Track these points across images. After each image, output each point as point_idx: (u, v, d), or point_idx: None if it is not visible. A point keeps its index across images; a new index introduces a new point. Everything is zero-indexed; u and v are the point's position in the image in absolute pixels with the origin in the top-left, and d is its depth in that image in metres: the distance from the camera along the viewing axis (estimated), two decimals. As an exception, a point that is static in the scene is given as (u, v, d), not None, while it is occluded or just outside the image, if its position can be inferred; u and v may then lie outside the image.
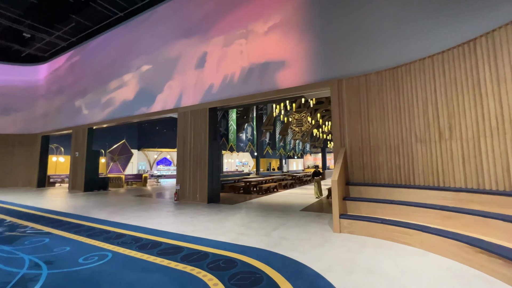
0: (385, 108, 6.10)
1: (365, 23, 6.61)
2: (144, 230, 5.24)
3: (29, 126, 16.88)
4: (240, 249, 3.94)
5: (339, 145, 6.65)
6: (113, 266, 3.36)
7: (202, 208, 7.79)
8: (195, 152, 9.33)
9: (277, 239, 4.49)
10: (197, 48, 9.80)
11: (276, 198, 10.19)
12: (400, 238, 4.20)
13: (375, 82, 6.32)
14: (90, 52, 14.21)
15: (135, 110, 11.55)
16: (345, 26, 6.88)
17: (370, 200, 5.29)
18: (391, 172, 5.88)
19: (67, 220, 6.30)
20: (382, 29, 6.37)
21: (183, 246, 4.16)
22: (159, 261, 3.49)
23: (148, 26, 11.51)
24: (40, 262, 3.50)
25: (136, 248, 4.07)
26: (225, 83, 8.98)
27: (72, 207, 8.25)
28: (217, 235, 4.82)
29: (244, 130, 14.47)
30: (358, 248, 4.00)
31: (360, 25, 6.68)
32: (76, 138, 13.93)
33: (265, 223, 5.74)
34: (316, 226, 5.43)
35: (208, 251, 3.87)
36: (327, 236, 4.68)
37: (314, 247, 4.07)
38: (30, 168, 16.51)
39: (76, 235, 4.91)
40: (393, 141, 5.92)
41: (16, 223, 5.99)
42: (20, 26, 12.82)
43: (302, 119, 13.14)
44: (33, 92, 17.16)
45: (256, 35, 8.49)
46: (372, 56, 6.45)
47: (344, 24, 6.89)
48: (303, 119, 13.13)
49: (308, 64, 7.39)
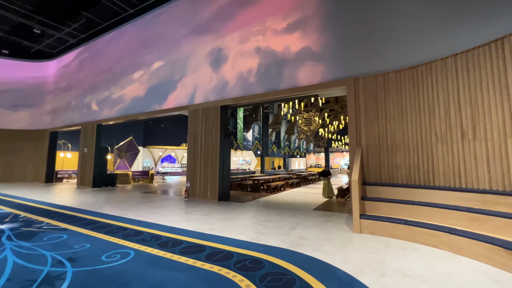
0: (404, 108, 6.00)
1: (384, 20, 6.49)
2: (162, 227, 5.20)
3: (38, 121, 16.94)
4: (264, 249, 3.89)
5: (355, 145, 6.56)
6: (138, 264, 3.32)
7: (214, 206, 7.75)
8: (206, 150, 9.28)
9: (298, 239, 4.42)
10: (210, 45, 9.70)
11: (285, 197, 10.13)
12: (426, 240, 4.11)
13: (393, 81, 6.21)
14: (100, 48, 14.19)
15: (145, 107, 11.52)
16: (363, 24, 6.76)
17: (389, 201, 5.21)
18: (410, 172, 5.78)
19: (81, 216, 6.28)
20: (402, 27, 6.24)
21: (205, 244, 4.10)
22: (183, 260, 3.44)
23: (160, 23, 11.45)
24: (63, 259, 3.46)
25: (157, 246, 4.03)
26: (238, 80, 8.90)
27: (84, 203, 8.25)
28: (235, 233, 4.76)
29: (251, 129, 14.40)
30: (383, 249, 3.93)
31: (379, 22, 6.55)
32: (85, 134, 13.94)
33: (281, 222, 5.68)
34: (334, 226, 5.36)
35: (231, 251, 3.81)
36: (348, 237, 4.61)
37: (338, 247, 4.00)
38: (38, 164, 16.59)
39: (94, 231, 4.88)
40: (411, 141, 5.82)
41: (31, 219, 5.98)
42: (30, 22, 12.81)
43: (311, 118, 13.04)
44: (42, 88, 17.20)
45: (272, 32, 8.34)
46: (391, 55, 6.33)
47: (362, 21, 6.77)
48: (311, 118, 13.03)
49: (324, 62, 7.28)
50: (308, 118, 13.11)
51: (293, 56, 7.86)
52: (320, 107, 16.54)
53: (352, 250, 3.88)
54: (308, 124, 13.14)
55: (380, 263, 3.35)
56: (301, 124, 13.45)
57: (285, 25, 8.04)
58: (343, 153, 37.74)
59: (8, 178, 16.18)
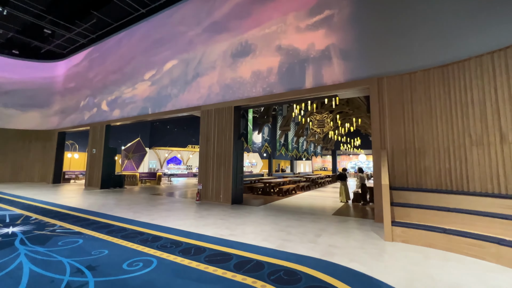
0: (433, 108, 5.70)
1: (410, 16, 6.21)
2: (179, 232, 4.94)
3: (46, 122, 16.91)
4: (294, 258, 3.60)
5: (379, 147, 6.26)
6: (163, 274, 3.06)
7: (228, 210, 7.48)
8: (218, 151, 9.04)
9: (327, 247, 4.13)
10: (225, 44, 9.48)
11: (299, 200, 9.83)
12: (469, 250, 3.79)
13: (421, 81, 5.92)
14: (110, 49, 14.10)
15: (155, 108, 11.34)
16: (388, 20, 6.48)
17: (421, 207, 4.89)
18: (440, 177, 5.47)
19: (94, 219, 6.06)
20: (430, 23, 5.96)
21: (230, 252, 3.83)
22: (211, 270, 3.17)
23: (172, 22, 11.30)
24: (82, 268, 3.22)
25: (179, 253, 3.77)
26: (253, 81, 8.66)
27: (94, 204, 8.04)
28: (259, 240, 4.49)
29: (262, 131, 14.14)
30: (424, 260, 3.62)
31: (405, 18, 6.28)
32: (94, 135, 13.82)
33: (303, 228, 5.39)
34: (361, 233, 5.05)
35: (260, 260, 3.54)
36: (380, 245, 4.30)
37: (374, 257, 3.70)
38: (46, 164, 16.52)
39: (109, 236, 4.64)
40: (442, 143, 5.51)
41: (43, 221, 5.77)
42: (41, 22, 12.77)
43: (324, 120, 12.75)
44: (51, 88, 17.19)
45: (292, 30, 8.04)
46: (418, 53, 6.04)
47: (387, 17, 6.50)
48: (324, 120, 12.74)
49: (345, 61, 7.01)
50: (321, 120, 12.82)
51: (311, 55, 7.60)
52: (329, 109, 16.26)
53: (391, 261, 3.58)
54: (321, 126, 12.84)
55: (427, 277, 3.05)
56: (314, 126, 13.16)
57: (305, 23, 7.74)
58: (350, 156, 37.30)
59: (15, 178, 16.12)
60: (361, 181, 9.25)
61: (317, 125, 12.95)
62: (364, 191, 9.09)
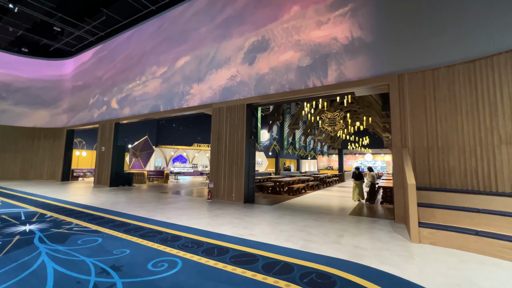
0: (458, 106, 5.50)
1: (433, 11, 6.00)
2: (197, 231, 4.84)
3: (55, 120, 16.97)
4: (323, 260, 3.47)
5: (400, 146, 6.08)
6: (191, 276, 2.95)
7: (241, 208, 7.37)
8: (230, 149, 8.93)
9: (353, 249, 3.99)
10: (238, 40, 9.29)
11: (311, 200, 9.68)
12: (505, 254, 3.62)
13: (445, 77, 5.72)
14: (120, 46, 14.05)
15: (165, 106, 11.25)
16: (409, 14, 6.27)
17: (448, 207, 4.71)
18: (465, 177, 5.28)
19: (109, 217, 5.99)
20: (454, 18, 5.74)
21: (254, 253, 3.71)
22: (240, 272, 3.06)
23: (183, 19, 11.17)
24: (106, 268, 3.12)
25: (203, 254, 3.66)
26: (265, 77, 8.51)
27: (106, 202, 7.99)
28: (281, 240, 4.36)
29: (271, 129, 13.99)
30: (459, 264, 3.46)
31: (428, 13, 6.06)
32: (103, 132, 13.81)
33: (323, 228, 5.25)
34: (384, 234, 4.90)
35: (287, 261, 3.41)
36: (407, 247, 4.15)
37: (406, 260, 3.55)
38: (55, 162, 16.59)
39: (128, 235, 4.55)
40: (467, 142, 5.32)
41: (58, 219, 5.72)
42: (51, 19, 12.75)
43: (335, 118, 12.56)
44: (60, 86, 17.24)
45: (308, 26, 7.82)
46: (441, 49, 5.83)
47: (408, 11, 6.29)
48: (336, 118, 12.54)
49: (363, 57, 6.82)
50: (332, 118, 12.63)
51: (327, 51, 7.42)
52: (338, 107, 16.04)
53: (424, 264, 3.43)
54: (332, 125, 12.65)
55: (468, 282, 2.90)
56: (325, 124, 12.98)
57: (322, 17, 7.47)
58: (356, 155, 36.99)
59: (25, 176, 16.22)
60: (372, 180, 9.10)
61: (328, 124, 12.77)
62: (373, 190, 8.94)
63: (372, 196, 8.91)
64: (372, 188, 8.94)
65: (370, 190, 8.94)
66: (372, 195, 8.91)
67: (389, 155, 32.79)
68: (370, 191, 8.93)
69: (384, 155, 33.77)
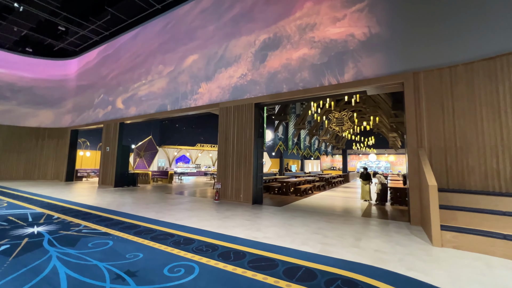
0: (477, 104, 5.33)
1: (451, 7, 5.82)
2: (209, 234, 4.70)
3: (59, 119, 16.91)
4: (345, 265, 3.31)
5: (416, 146, 5.91)
6: (210, 282, 2.81)
7: (251, 210, 7.23)
8: (238, 150, 8.78)
9: (374, 253, 3.83)
10: (248, 38, 9.11)
11: (319, 201, 9.52)
12: (537, 259, 3.45)
13: (463, 75, 5.55)
14: (125, 45, 13.95)
15: (172, 105, 11.12)
16: (425, 11, 6.10)
17: (470, 210, 4.54)
18: (486, 178, 5.11)
19: (117, 218, 5.86)
20: (472, 14, 5.57)
21: (272, 257, 3.56)
22: (261, 278, 2.91)
23: (190, 17, 11.03)
24: (121, 273, 2.99)
25: (219, 258, 3.51)
26: (274, 76, 8.36)
27: (113, 203, 7.87)
28: (298, 244, 4.21)
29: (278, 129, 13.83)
30: (489, 270, 3.29)
31: (445, 10, 5.89)
32: (107, 132, 13.71)
33: (339, 231, 5.09)
34: (402, 237, 4.73)
35: (309, 266, 3.26)
36: (430, 251, 3.99)
37: (431, 265, 3.39)
38: (59, 162, 16.52)
39: (138, 237, 4.42)
40: (488, 141, 5.14)
41: (66, 220, 5.60)
42: (56, 19, 12.68)
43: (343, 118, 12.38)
44: (64, 86, 17.18)
45: (322, 22, 7.63)
46: (459, 46, 5.66)
47: (425, 9, 6.12)
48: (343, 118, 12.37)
49: (378, 55, 6.65)
50: (340, 118, 12.45)
51: (340, 49, 7.25)
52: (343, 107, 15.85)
53: (452, 269, 3.26)
54: (340, 124, 12.47)
55: (506, 290, 2.73)
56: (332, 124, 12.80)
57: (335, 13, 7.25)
58: (359, 155, 36.74)
59: (29, 176, 16.16)
60: (381, 182, 8.95)
61: (336, 123, 12.59)
62: (384, 192, 8.80)
63: (383, 198, 8.75)
64: (383, 190, 8.77)
65: (382, 193, 8.77)
66: (383, 197, 8.74)
67: (394, 155, 32.53)
68: (382, 193, 8.76)
69: (388, 156, 33.51)
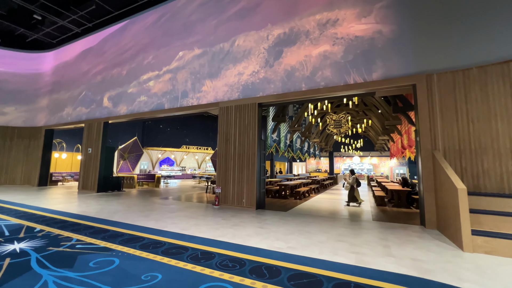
0: (491, 107, 5.38)
1: (466, 10, 5.87)
2: (228, 246, 4.21)
3: (32, 118, 15.30)
4: (395, 279, 3.02)
5: (430, 148, 5.85)
6: (258, 308, 2.36)
7: (256, 215, 6.80)
8: (240, 152, 8.32)
9: (413, 262, 3.59)
10: (250, 35, 8.67)
11: (321, 204, 9.33)
12: None
13: (476, 78, 5.59)
14: (111, 39, 12.90)
15: (169, 104, 10.36)
16: (440, 13, 6.11)
17: (497, 213, 4.49)
18: (501, 180, 5.13)
19: (114, 229, 5.15)
20: (487, 18, 5.64)
21: (311, 272, 3.18)
22: (314, 300, 2.51)
23: (189, 10, 10.38)
24: (143, 301, 2.44)
25: (253, 276, 3.07)
26: (280, 75, 8.03)
27: (103, 211, 7.05)
28: (328, 254, 3.87)
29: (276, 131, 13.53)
30: (536, 277, 3.17)
31: (459, 13, 5.93)
32: (89, 132, 12.57)
33: (361, 238, 4.84)
34: (427, 243, 4.57)
35: (358, 282, 2.92)
36: (465, 257, 3.83)
37: (479, 274, 3.20)
38: (30, 165, 14.92)
39: (148, 252, 3.83)
40: (503, 144, 5.18)
41: (52, 233, 4.81)
42: (31, 6, 11.42)
43: (341, 120, 12.38)
44: (37, 82, 15.60)
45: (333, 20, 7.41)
46: (473, 49, 5.70)
47: (439, 11, 6.12)
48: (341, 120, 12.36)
49: (390, 56, 6.57)
50: (338, 120, 12.44)
51: (351, 49, 7.08)
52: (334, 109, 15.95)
53: (503, 279, 3.09)
54: (337, 126, 12.45)
55: None
56: (330, 126, 12.76)
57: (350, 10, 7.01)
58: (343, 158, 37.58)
59: (-6, 181, 14.41)
60: (353, 183, 9.11)
61: (334, 126, 12.57)
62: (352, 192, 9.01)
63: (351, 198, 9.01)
64: (351, 191, 9.05)
65: (350, 193, 9.07)
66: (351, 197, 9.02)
67: (377, 157, 33.62)
68: (350, 194, 9.06)
69: (371, 158, 34.59)
